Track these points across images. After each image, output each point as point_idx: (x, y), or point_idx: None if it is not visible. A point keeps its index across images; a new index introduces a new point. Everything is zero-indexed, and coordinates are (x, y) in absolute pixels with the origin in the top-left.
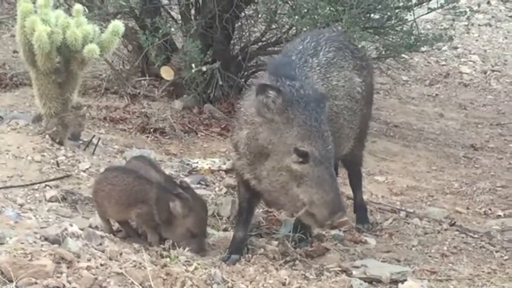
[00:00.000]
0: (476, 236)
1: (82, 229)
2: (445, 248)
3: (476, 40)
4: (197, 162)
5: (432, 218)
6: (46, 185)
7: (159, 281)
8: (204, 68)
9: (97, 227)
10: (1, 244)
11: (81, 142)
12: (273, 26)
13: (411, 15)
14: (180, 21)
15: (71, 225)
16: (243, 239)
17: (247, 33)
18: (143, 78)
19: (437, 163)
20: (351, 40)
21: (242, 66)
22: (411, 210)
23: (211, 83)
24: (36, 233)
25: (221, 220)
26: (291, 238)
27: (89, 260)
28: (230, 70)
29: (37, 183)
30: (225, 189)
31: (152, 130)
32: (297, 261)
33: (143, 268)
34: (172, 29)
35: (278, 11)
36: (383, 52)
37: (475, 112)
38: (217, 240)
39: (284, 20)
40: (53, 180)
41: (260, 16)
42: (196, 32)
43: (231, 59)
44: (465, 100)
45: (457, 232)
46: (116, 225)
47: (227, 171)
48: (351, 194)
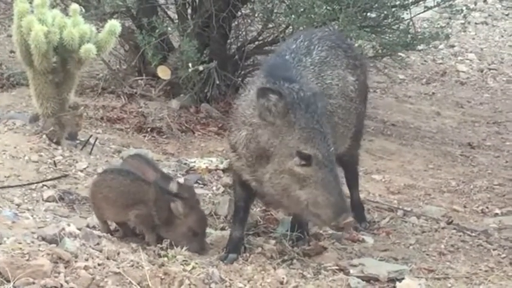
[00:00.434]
0: (473, 234)
1: (79, 229)
2: (443, 247)
3: (472, 38)
4: (194, 161)
5: (429, 217)
6: (43, 185)
7: (157, 281)
8: (201, 68)
9: (94, 227)
10: None
11: (78, 142)
12: (270, 25)
13: (408, 13)
14: (177, 20)
15: (69, 225)
16: (240, 238)
17: (243, 32)
18: (140, 77)
19: (434, 161)
20: (344, 39)
21: (239, 65)
22: (408, 208)
23: (208, 83)
24: (33, 233)
25: (218, 219)
26: (289, 237)
27: (87, 260)
28: (227, 69)
29: (34, 183)
30: (223, 188)
31: (149, 129)
32: (295, 260)
33: (141, 268)
34: (169, 29)
35: (275, 10)
36: (380, 51)
37: (472, 110)
38: (214, 239)
39: (281, 19)
40: (50, 180)
41: (257, 15)
42: (193, 32)
43: (228, 58)
44: (462, 98)
45: (455, 230)
46: (114, 225)
47: (224, 170)
48: (348, 193)
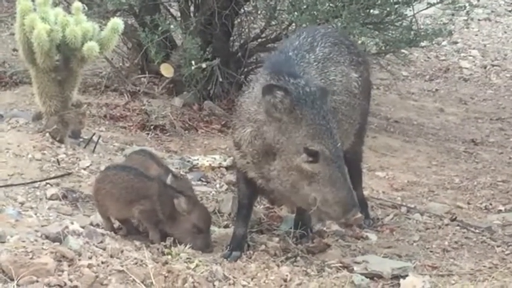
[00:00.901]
0: (477, 231)
1: (83, 227)
2: (446, 243)
3: (475, 35)
4: (197, 159)
5: (433, 213)
6: (47, 183)
7: (161, 279)
8: (204, 65)
9: (98, 225)
10: (2, 243)
11: (81, 140)
12: (273, 23)
13: (411, 10)
14: (180, 18)
15: (72, 223)
16: (244, 236)
17: (246, 29)
18: (143, 75)
19: (437, 158)
20: (347, 36)
21: (242, 62)
22: (412, 205)
23: (211, 80)
24: (37, 231)
25: (222, 217)
26: (292, 234)
27: (90, 258)
28: (230, 67)
29: (38, 181)
30: (226, 186)
31: (152, 127)
32: (298, 257)
33: (144, 265)
34: (171, 26)
35: (277, 7)
36: (383, 48)
37: (475, 107)
38: (218, 237)
39: (283, 16)
40: (54, 178)
41: (259, 12)
42: (195, 29)
43: (231, 56)
44: (465, 95)
45: (458, 227)
46: (117, 223)
47: (228, 168)
48: None
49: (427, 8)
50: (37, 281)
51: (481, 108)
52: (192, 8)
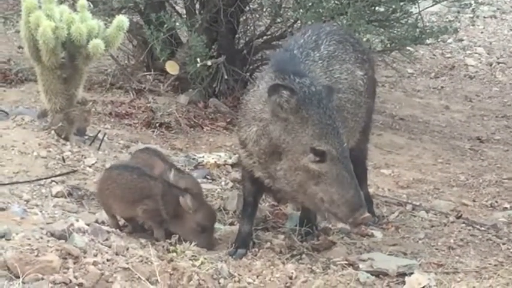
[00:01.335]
0: (482, 229)
1: (88, 224)
2: (452, 241)
3: (481, 32)
4: (203, 156)
5: (438, 211)
6: (52, 181)
7: (166, 276)
8: (209, 63)
9: (103, 222)
10: (7, 240)
11: (86, 137)
12: (278, 20)
13: (416, 7)
14: (185, 15)
15: (77, 220)
16: (249, 233)
17: (252, 27)
18: (148, 73)
19: (443, 156)
20: (352, 34)
21: (247, 60)
22: (417, 203)
23: (216, 77)
24: (42, 229)
25: (227, 214)
26: (298, 232)
27: (96, 255)
28: (235, 64)
29: (43, 178)
30: (231, 183)
31: (158, 125)
32: (304, 255)
33: (150, 263)
34: (177, 24)
35: (283, 5)
36: (388, 45)
37: (481, 104)
38: (223, 234)
39: (289, 14)
40: (59, 175)
41: (265, 10)
42: (201, 27)
43: (236, 53)
44: (471, 92)
45: (464, 225)
46: (122, 220)
47: (233, 165)
48: None
49: (433, 6)
50: (42, 279)
51: (487, 105)
52: (198, 6)
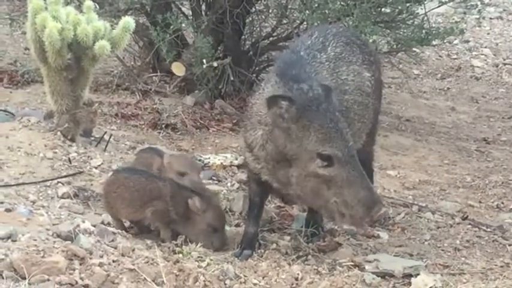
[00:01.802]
0: (489, 230)
1: (94, 226)
2: (458, 242)
3: (487, 33)
4: (209, 157)
5: (444, 212)
6: (58, 182)
7: (172, 277)
8: (215, 64)
9: (109, 224)
10: (13, 241)
11: (92, 139)
12: (284, 21)
13: (422, 8)
14: (191, 16)
15: (83, 221)
16: (255, 234)
17: (258, 28)
18: (154, 74)
19: (449, 157)
20: (358, 35)
21: (253, 61)
22: (423, 204)
23: (222, 79)
24: (48, 230)
25: (233, 215)
26: (304, 233)
27: (102, 257)
28: (241, 65)
29: (49, 180)
30: (237, 184)
31: (164, 126)
32: (310, 256)
33: (156, 264)
34: (183, 25)
35: (289, 6)
36: (394, 46)
37: (487, 105)
38: (229, 235)
39: (295, 15)
40: (65, 177)
41: (271, 11)
42: (207, 28)
43: (242, 54)
44: (477, 93)
45: (470, 226)
46: (128, 222)
47: (239, 166)
48: None
49: (439, 7)
50: (48, 280)
51: (493, 106)
52: (204, 7)
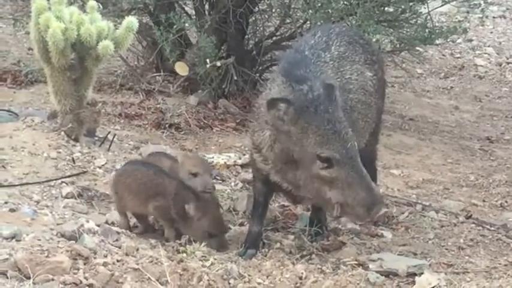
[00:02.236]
0: (492, 229)
1: (98, 225)
2: (462, 241)
3: (490, 32)
4: (213, 157)
5: (448, 211)
6: (62, 182)
7: (176, 277)
8: (219, 63)
9: (113, 223)
10: (18, 241)
11: (96, 138)
12: (287, 21)
13: (425, 8)
14: (194, 16)
15: (87, 221)
16: (259, 234)
17: (261, 27)
18: (158, 74)
19: (452, 156)
20: (361, 34)
21: (257, 60)
22: (427, 203)
23: (225, 78)
24: (52, 230)
25: (237, 215)
26: (307, 232)
27: (106, 256)
28: (244, 65)
29: (53, 179)
30: (241, 184)
31: (167, 126)
32: (314, 255)
33: (160, 264)
34: (186, 25)
35: (292, 6)
36: (397, 45)
37: (491, 104)
38: (233, 235)
39: (298, 14)
40: (69, 176)
41: (274, 10)
42: (210, 27)
43: (246, 54)
44: (480, 92)
45: (474, 225)
46: (133, 221)
47: (243, 166)
48: None
49: (442, 6)
50: (53, 279)
51: (496, 105)
52: (207, 7)
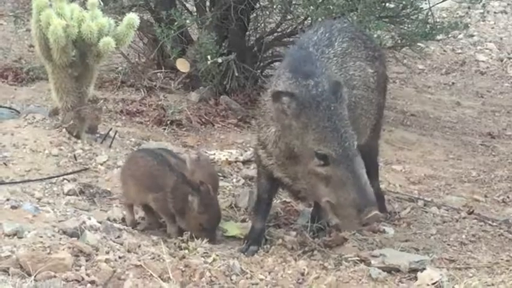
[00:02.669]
0: (494, 224)
1: (100, 222)
2: (464, 237)
3: (492, 28)
4: (214, 153)
5: (450, 207)
6: (64, 179)
7: (178, 273)
8: (220, 60)
9: (115, 220)
10: (20, 238)
11: (98, 135)
12: (288, 17)
13: (426, 3)
14: (195, 13)
15: (89, 218)
16: (262, 231)
17: (262, 24)
18: (159, 70)
19: (454, 151)
20: (363, 30)
21: (258, 57)
22: (429, 199)
23: (227, 75)
24: (54, 227)
25: (239, 211)
26: (309, 228)
27: (108, 253)
28: (246, 61)
29: (55, 176)
30: (243, 180)
31: (169, 122)
32: (316, 251)
33: (162, 260)
34: (187, 21)
35: (293, 2)
36: (399, 41)
37: (492, 100)
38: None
39: (299, 11)
40: (71, 173)
41: (275, 7)
42: (211, 24)
43: (247, 50)
44: (482, 88)
45: (476, 220)
46: (137, 215)
47: (244, 162)
48: None
49: (443, 1)
50: (55, 276)
51: (498, 101)
52: (208, 3)
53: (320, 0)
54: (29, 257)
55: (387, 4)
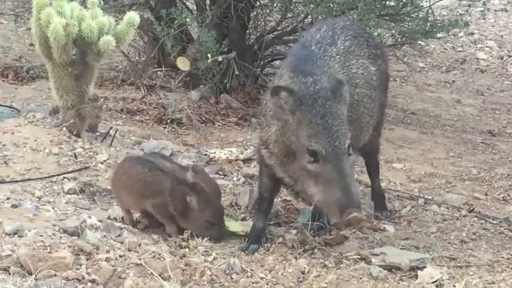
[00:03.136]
0: (495, 222)
1: (100, 221)
2: (464, 235)
3: (492, 26)
4: (214, 152)
5: (451, 205)
6: (64, 177)
7: (178, 272)
8: (220, 58)
9: (115, 219)
10: (20, 237)
11: (98, 134)
12: (289, 15)
13: (427, 1)
14: (196, 11)
15: (90, 217)
16: (263, 229)
17: (262, 22)
18: (159, 69)
19: (455, 149)
20: (364, 28)
21: (258, 55)
22: (429, 197)
23: (227, 73)
24: (54, 226)
25: (239, 210)
26: (310, 227)
27: (108, 252)
28: (246, 60)
29: (55, 175)
30: (243, 178)
31: (169, 121)
32: (316, 249)
33: (162, 259)
34: (187, 20)
35: (293, 0)
36: (399, 39)
37: (492, 98)
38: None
39: (299, 9)
40: (71, 172)
41: (275, 5)
42: (211, 22)
43: (247, 49)
44: (482, 86)
45: (476, 218)
46: (135, 216)
47: (245, 160)
48: (369, 182)
49: None
50: (55, 275)
51: (498, 99)
52: (208, 1)
53: None
54: (30, 256)
55: (387, 2)
